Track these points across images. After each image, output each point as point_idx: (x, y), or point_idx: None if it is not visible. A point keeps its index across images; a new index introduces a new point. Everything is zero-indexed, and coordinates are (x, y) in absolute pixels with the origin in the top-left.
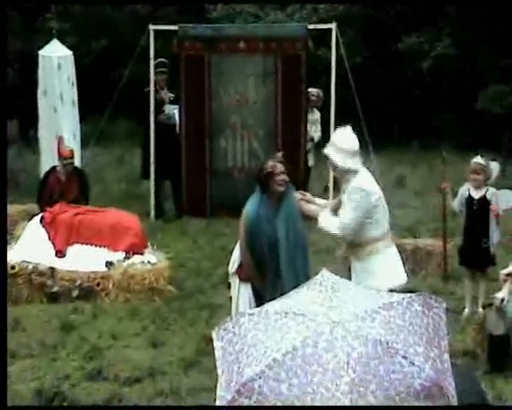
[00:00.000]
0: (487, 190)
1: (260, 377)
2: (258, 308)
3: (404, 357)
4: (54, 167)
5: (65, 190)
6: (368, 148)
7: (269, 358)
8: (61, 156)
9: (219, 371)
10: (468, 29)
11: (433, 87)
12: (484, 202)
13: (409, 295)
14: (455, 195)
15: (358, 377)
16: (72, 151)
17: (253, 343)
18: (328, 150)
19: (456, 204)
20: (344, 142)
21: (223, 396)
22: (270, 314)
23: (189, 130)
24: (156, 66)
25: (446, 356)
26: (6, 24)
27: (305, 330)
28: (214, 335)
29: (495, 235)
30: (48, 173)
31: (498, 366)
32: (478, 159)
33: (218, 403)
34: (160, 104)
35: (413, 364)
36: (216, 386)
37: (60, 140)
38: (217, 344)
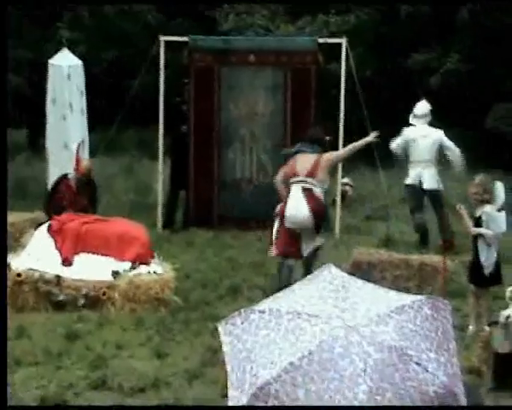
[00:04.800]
0: (483, 211)
1: (277, 381)
2: (267, 305)
3: (418, 363)
4: (65, 175)
5: (75, 199)
6: (376, 162)
7: (285, 361)
8: (78, 172)
9: (228, 368)
10: (479, 45)
11: (441, 103)
12: (479, 221)
13: (419, 297)
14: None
15: (375, 385)
16: (89, 169)
17: (266, 343)
18: None
19: None
20: None
21: (236, 397)
22: (283, 314)
23: (197, 141)
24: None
25: (455, 360)
26: (6, 24)
27: (319, 333)
28: (221, 329)
29: (484, 255)
30: (58, 181)
31: (503, 384)
32: (478, 177)
33: (230, 403)
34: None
35: (427, 371)
36: (220, 397)
37: (78, 155)
38: (224, 339)
